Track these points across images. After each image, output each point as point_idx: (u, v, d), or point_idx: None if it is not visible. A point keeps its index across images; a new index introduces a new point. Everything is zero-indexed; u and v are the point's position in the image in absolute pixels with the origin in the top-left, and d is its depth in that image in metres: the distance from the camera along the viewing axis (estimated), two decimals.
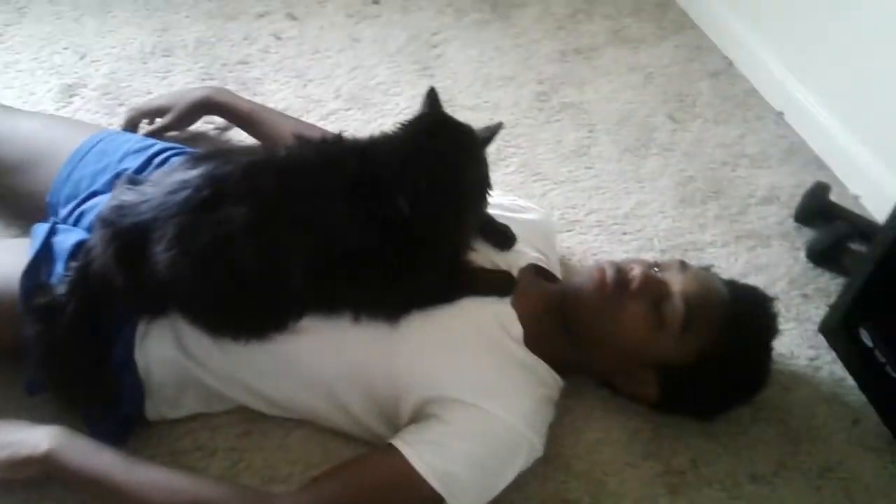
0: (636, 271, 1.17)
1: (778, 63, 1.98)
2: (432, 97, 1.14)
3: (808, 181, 1.73)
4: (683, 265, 1.21)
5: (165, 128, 1.55)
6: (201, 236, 1.01)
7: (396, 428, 1.13)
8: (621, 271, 1.18)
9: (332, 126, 1.73)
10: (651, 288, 1.16)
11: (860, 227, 1.58)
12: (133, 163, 1.29)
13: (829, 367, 1.40)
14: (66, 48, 1.85)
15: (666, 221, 1.64)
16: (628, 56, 2.10)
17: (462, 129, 1.12)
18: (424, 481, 1.04)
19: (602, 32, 2.16)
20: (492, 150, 1.15)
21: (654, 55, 2.11)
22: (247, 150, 1.34)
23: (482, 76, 1.95)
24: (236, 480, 1.14)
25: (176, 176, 1.08)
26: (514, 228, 1.27)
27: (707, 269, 1.29)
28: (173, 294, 1.06)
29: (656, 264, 1.21)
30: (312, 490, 1.07)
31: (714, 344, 1.15)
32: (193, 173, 1.06)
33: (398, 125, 1.11)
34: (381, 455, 1.08)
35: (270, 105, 1.72)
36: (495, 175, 1.65)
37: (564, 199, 1.66)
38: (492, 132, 1.14)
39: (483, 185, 1.14)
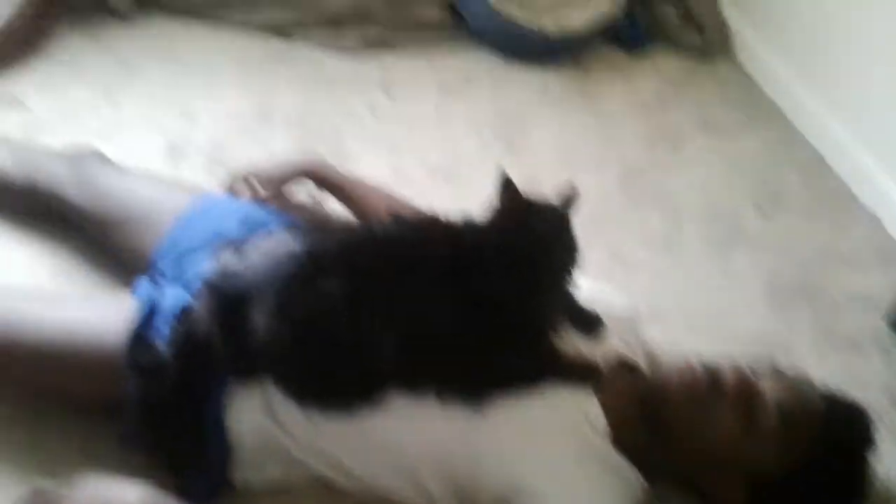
0: (730, 374, 1.16)
1: (872, 158, 1.95)
2: (508, 184, 1.14)
3: None
4: (778, 372, 1.18)
5: (265, 194, 1.59)
6: (300, 308, 1.06)
7: None
8: (713, 372, 1.17)
9: (421, 198, 1.75)
10: (744, 392, 1.14)
11: None
12: (234, 227, 1.33)
13: None
14: (173, 108, 1.92)
15: (753, 320, 1.61)
16: (716, 145, 2.09)
17: (551, 211, 1.13)
18: None
19: (689, 120, 2.16)
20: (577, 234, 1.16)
21: (742, 146, 2.10)
22: (344, 226, 1.38)
23: (566, 159, 1.96)
24: None
25: (279, 247, 1.12)
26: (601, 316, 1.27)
27: (804, 377, 1.26)
28: (269, 361, 1.09)
29: (751, 368, 1.19)
30: None
31: (807, 455, 1.12)
32: (295, 246, 1.11)
33: (490, 209, 1.13)
34: None
35: (363, 176, 1.77)
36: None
37: (649, 288, 1.65)
38: (568, 200, 1.15)
39: (569, 265, 1.15)
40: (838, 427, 1.15)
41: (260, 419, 1.15)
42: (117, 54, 2.02)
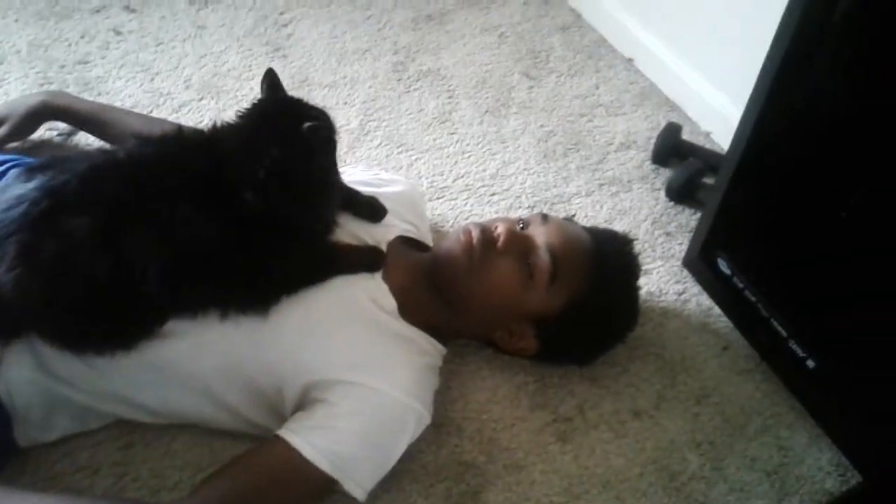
0: (500, 229, 1.19)
1: (624, 12, 2.04)
2: (271, 79, 1.11)
3: (661, 123, 1.80)
4: (545, 217, 1.24)
5: (3, 139, 1.45)
6: (45, 251, 0.97)
7: (283, 418, 1.11)
8: (486, 231, 1.20)
9: (186, 118, 1.67)
10: (516, 243, 1.18)
11: (712, 161, 1.66)
12: None
13: (696, 298, 1.47)
14: None
15: (531, 178, 1.67)
16: (480, 18, 2.11)
17: (300, 107, 1.09)
18: (315, 466, 1.03)
19: None
20: (354, 125, 1.14)
21: (504, 14, 2.13)
22: (85, 155, 1.28)
23: (336, 51, 1.93)
24: (123, 495, 1.11)
25: (11, 191, 1.01)
26: (381, 202, 1.27)
27: (569, 218, 1.33)
28: (24, 315, 1.00)
29: (520, 220, 1.24)
30: (202, 492, 1.04)
31: (582, 290, 1.19)
32: (29, 186, 1.01)
33: (238, 113, 1.08)
34: (268, 447, 1.07)
35: (118, 103, 1.65)
36: (360, 150, 1.67)
37: (431, 167, 1.66)
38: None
39: (333, 160, 1.12)
40: (607, 259, 1.22)
41: (33, 376, 1.07)
42: None
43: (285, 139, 1.02)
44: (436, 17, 2.09)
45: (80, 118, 1.46)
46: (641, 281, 1.31)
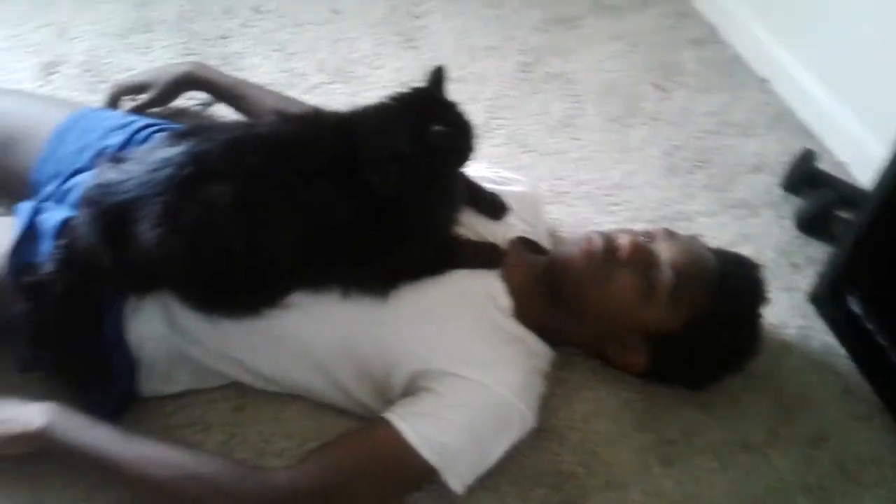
0: (624, 240, 1.17)
1: (762, 29, 1.98)
2: (436, 75, 1.11)
3: (794, 149, 1.73)
4: (671, 233, 1.21)
5: (147, 104, 1.52)
6: (187, 214, 1.01)
7: (390, 402, 1.13)
8: (609, 240, 1.18)
9: (315, 100, 1.70)
10: (639, 256, 1.16)
11: (847, 194, 1.59)
12: (115, 140, 1.27)
13: (819, 336, 1.41)
14: (44, 25, 1.81)
15: (654, 191, 1.64)
16: (612, 24, 2.08)
17: (446, 110, 1.10)
18: (418, 453, 1.04)
19: (584, 1, 2.14)
20: (478, 122, 1.13)
21: (637, 23, 2.10)
22: (227, 126, 1.33)
23: (466, 47, 1.94)
24: (231, 455, 1.14)
25: (158, 153, 1.06)
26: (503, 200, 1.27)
27: (694, 237, 1.30)
28: (162, 272, 1.05)
29: (644, 233, 1.21)
30: (308, 465, 1.07)
31: (703, 311, 1.16)
32: (175, 150, 1.05)
33: (385, 97, 1.09)
34: (374, 429, 1.08)
35: (253, 80, 1.70)
36: (482, 148, 1.66)
37: (552, 170, 1.65)
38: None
39: (464, 155, 1.12)
40: (732, 282, 1.19)
41: (162, 330, 1.12)
42: None
43: (415, 135, 1.04)
44: (567, 20, 2.08)
45: (220, 90, 1.52)
46: (763, 311, 1.27)
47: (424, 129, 1.02)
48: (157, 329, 1.12)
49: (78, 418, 1.06)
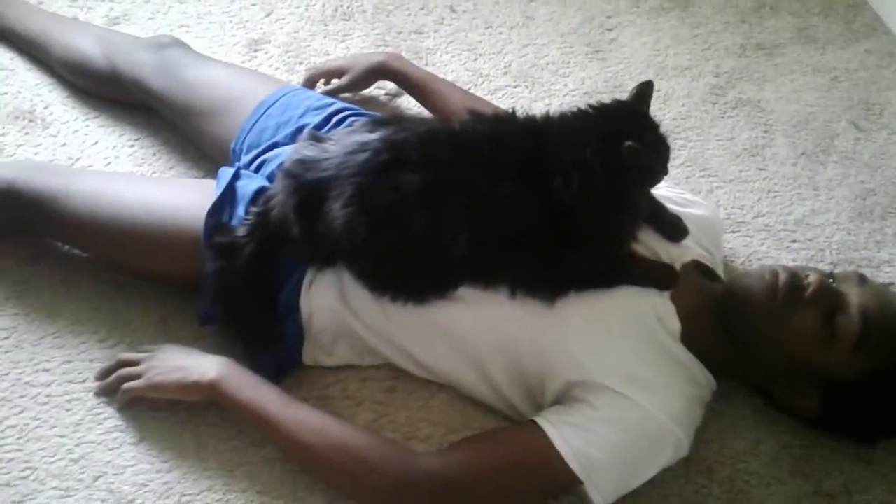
0: (812, 279, 1.12)
1: None
2: (642, 89, 1.11)
3: None
4: (862, 279, 1.14)
5: (342, 89, 1.59)
6: (377, 198, 1.06)
7: (538, 407, 1.13)
8: (795, 277, 1.13)
9: (498, 102, 1.72)
10: (827, 297, 1.10)
11: None
12: (314, 119, 1.34)
13: None
14: (254, 4, 1.93)
15: (840, 234, 1.55)
16: (814, 56, 1.98)
17: (644, 127, 1.08)
18: (564, 462, 1.04)
19: (787, 29, 2.05)
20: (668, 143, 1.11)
21: (841, 58, 1.98)
22: (424, 119, 1.37)
23: (656, 64, 1.90)
24: (380, 432, 1.18)
25: (356, 137, 1.12)
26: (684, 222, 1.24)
27: (888, 286, 1.22)
28: (344, 249, 1.10)
29: (832, 275, 1.15)
30: (455, 454, 1.09)
31: (886, 364, 1.08)
32: (373, 136, 1.10)
33: (584, 105, 1.10)
34: (522, 430, 1.09)
35: (441, 76, 1.74)
36: None
37: (732, 198, 1.59)
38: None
39: (654, 176, 1.11)
40: None
41: (333, 304, 1.17)
42: None
43: (605, 147, 1.03)
44: (766, 47, 1.99)
45: (412, 83, 1.56)
46: None
47: (617, 142, 1.01)
48: (329, 302, 1.17)
49: (247, 376, 1.13)
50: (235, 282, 1.13)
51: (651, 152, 1.04)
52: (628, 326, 1.11)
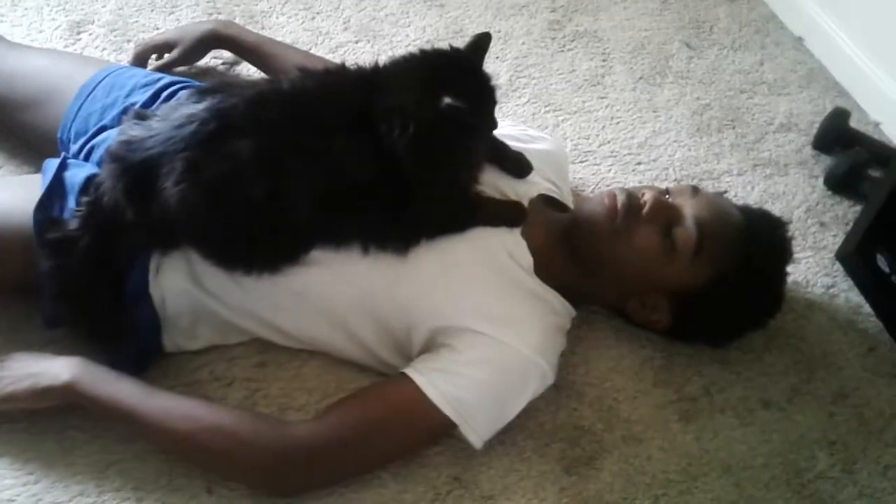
0: (647, 196, 1.16)
1: None
2: (478, 41, 1.10)
3: (827, 108, 1.70)
4: (695, 190, 1.20)
5: (173, 62, 1.53)
6: (209, 170, 1.02)
7: (409, 358, 1.14)
8: (632, 197, 1.17)
9: (341, 59, 1.70)
10: (662, 212, 1.15)
11: (880, 153, 1.55)
12: (141, 97, 1.28)
13: (845, 294, 1.40)
14: None
15: (681, 150, 1.62)
16: None
17: (472, 79, 1.08)
18: (437, 408, 1.05)
19: None
20: (503, 81, 1.13)
21: None
22: (251, 82, 1.33)
23: (493, 5, 1.91)
24: (254, 409, 1.16)
25: (182, 110, 1.07)
26: (527, 158, 1.26)
27: (720, 194, 1.28)
28: (184, 228, 1.06)
29: (667, 190, 1.20)
30: (327, 418, 1.08)
31: (727, 268, 1.15)
32: (199, 107, 1.06)
33: (416, 51, 1.09)
34: (393, 384, 1.10)
35: (278, 38, 1.70)
36: (507, 107, 1.66)
37: (577, 129, 1.64)
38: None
39: (479, 131, 1.11)
40: (757, 239, 1.17)
41: (185, 286, 1.13)
42: None
43: (426, 98, 1.02)
44: None
45: (246, 49, 1.52)
46: (788, 269, 1.25)
47: (441, 91, 1.01)
48: (180, 284, 1.13)
49: (103, 372, 1.08)
50: (74, 278, 1.08)
51: (471, 107, 1.04)
52: (480, 267, 1.13)
